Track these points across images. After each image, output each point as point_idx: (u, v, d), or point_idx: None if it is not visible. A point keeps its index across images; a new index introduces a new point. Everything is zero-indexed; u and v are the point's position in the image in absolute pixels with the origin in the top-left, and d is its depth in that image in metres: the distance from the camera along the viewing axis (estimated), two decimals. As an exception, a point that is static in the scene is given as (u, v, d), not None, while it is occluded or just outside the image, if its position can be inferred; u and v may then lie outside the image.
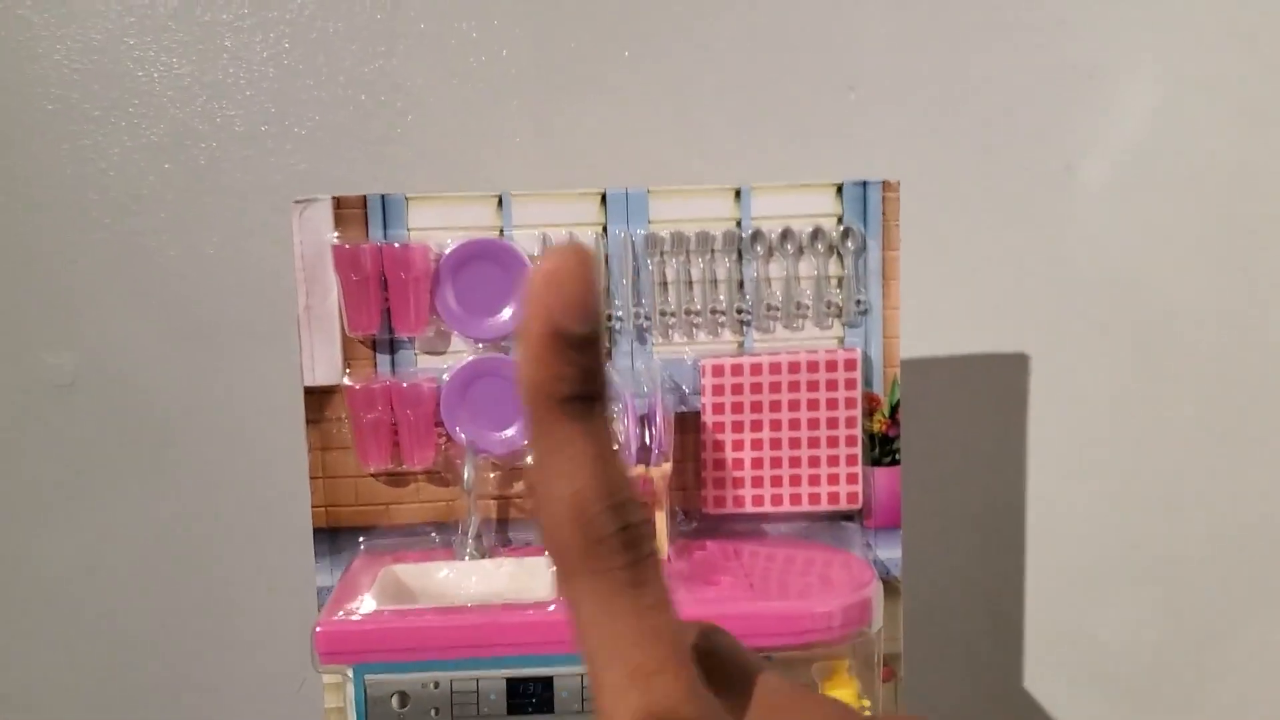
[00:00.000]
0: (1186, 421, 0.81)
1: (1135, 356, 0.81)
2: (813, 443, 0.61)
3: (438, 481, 0.62)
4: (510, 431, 0.60)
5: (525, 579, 0.58)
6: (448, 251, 0.60)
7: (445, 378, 0.60)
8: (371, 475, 0.61)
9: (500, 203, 0.60)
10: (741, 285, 0.62)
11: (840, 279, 0.62)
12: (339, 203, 0.60)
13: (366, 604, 0.53)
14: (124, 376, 0.78)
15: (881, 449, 0.62)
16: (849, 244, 0.61)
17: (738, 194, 0.61)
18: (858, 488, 0.62)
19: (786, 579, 0.57)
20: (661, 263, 0.61)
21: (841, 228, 0.61)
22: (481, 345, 0.61)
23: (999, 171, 0.78)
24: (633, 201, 0.61)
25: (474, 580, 0.58)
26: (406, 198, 0.60)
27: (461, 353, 0.61)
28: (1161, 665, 0.84)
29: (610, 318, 0.61)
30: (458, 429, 0.60)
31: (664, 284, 0.62)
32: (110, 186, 0.76)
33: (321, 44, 0.75)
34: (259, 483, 0.78)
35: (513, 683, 0.51)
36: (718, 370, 0.61)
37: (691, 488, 0.62)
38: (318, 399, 0.61)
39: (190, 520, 0.79)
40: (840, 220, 0.61)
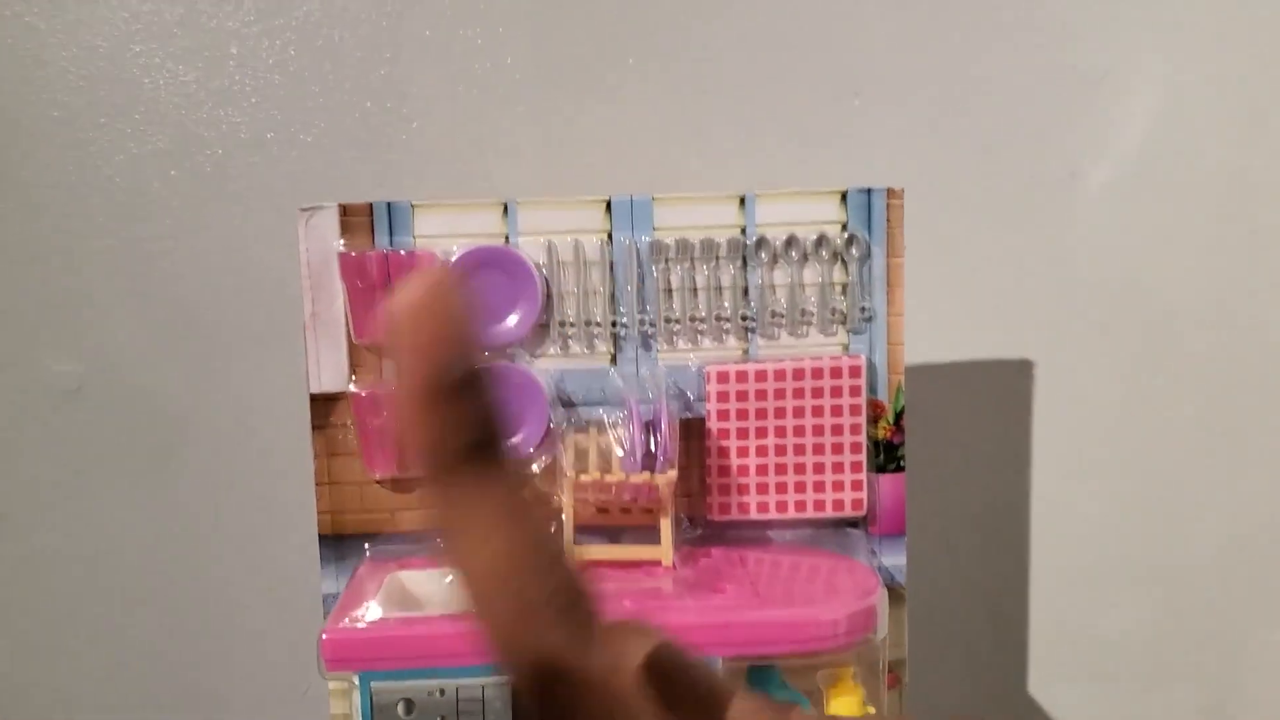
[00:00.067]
0: (1192, 426, 0.81)
1: (1140, 361, 0.81)
2: (817, 449, 0.61)
3: (443, 488, 0.62)
4: (517, 439, 0.60)
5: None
6: (453, 259, 0.60)
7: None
8: (377, 482, 0.62)
9: (506, 210, 0.60)
10: (746, 292, 0.62)
11: (845, 286, 0.62)
12: (345, 210, 0.60)
13: (372, 611, 0.53)
14: (129, 383, 0.78)
15: (886, 455, 0.62)
16: (853, 251, 0.61)
17: (742, 201, 0.61)
18: (862, 494, 0.62)
19: (792, 586, 0.57)
20: (666, 269, 0.61)
21: (846, 234, 0.61)
22: (487, 353, 0.61)
23: (1003, 177, 0.79)
24: (637, 208, 0.61)
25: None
26: (412, 205, 0.60)
27: (467, 359, 0.61)
28: (1166, 669, 0.84)
29: (615, 324, 0.61)
30: (463, 436, 0.60)
31: (669, 291, 0.62)
32: (116, 193, 0.76)
33: (327, 51, 0.75)
34: (264, 489, 0.78)
35: (518, 690, 0.51)
36: (722, 377, 0.61)
37: (696, 494, 0.62)
38: (323, 405, 0.61)
39: (196, 526, 0.79)
40: (845, 227, 0.61)
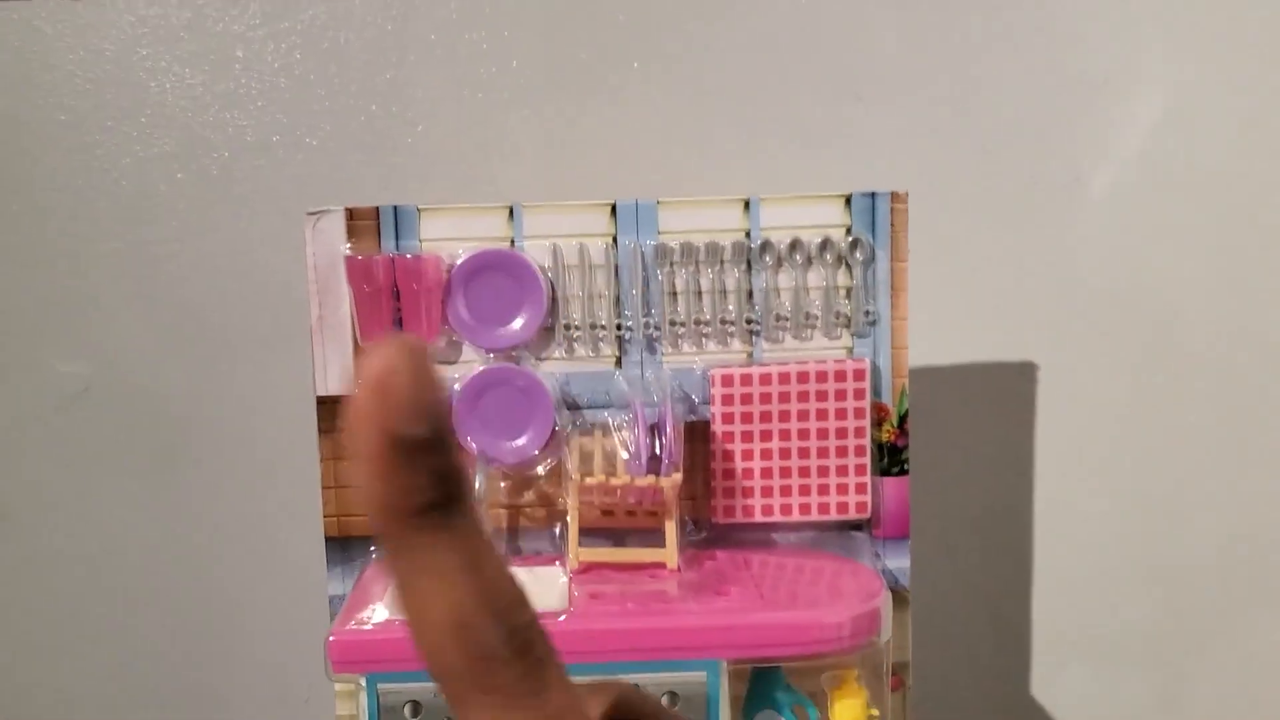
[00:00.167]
0: (1194, 428, 0.81)
1: (1142, 364, 0.81)
2: (822, 452, 0.61)
3: (449, 491, 0.62)
4: (521, 441, 0.61)
5: (536, 588, 0.58)
6: (459, 262, 0.60)
7: (456, 388, 0.61)
8: (383, 484, 0.62)
9: (511, 214, 0.61)
10: (750, 296, 0.62)
11: (849, 289, 0.62)
12: (351, 214, 0.60)
13: (379, 613, 0.53)
14: (136, 385, 0.78)
15: (890, 459, 0.63)
16: (857, 255, 0.62)
17: (746, 205, 0.61)
18: (867, 497, 0.62)
19: (796, 589, 0.57)
20: (671, 273, 0.62)
21: (850, 238, 0.61)
22: (492, 355, 0.61)
23: (1005, 180, 0.79)
24: (642, 212, 0.61)
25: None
26: (419, 209, 0.60)
27: (472, 362, 0.61)
28: (1168, 671, 0.84)
29: (620, 328, 0.61)
30: (469, 439, 0.61)
31: (673, 294, 0.62)
32: (122, 196, 0.76)
33: (333, 54, 0.76)
34: (271, 491, 0.79)
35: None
36: (727, 380, 0.61)
37: (701, 497, 0.62)
38: (330, 408, 0.61)
39: (201, 528, 0.80)
40: (849, 231, 0.62)
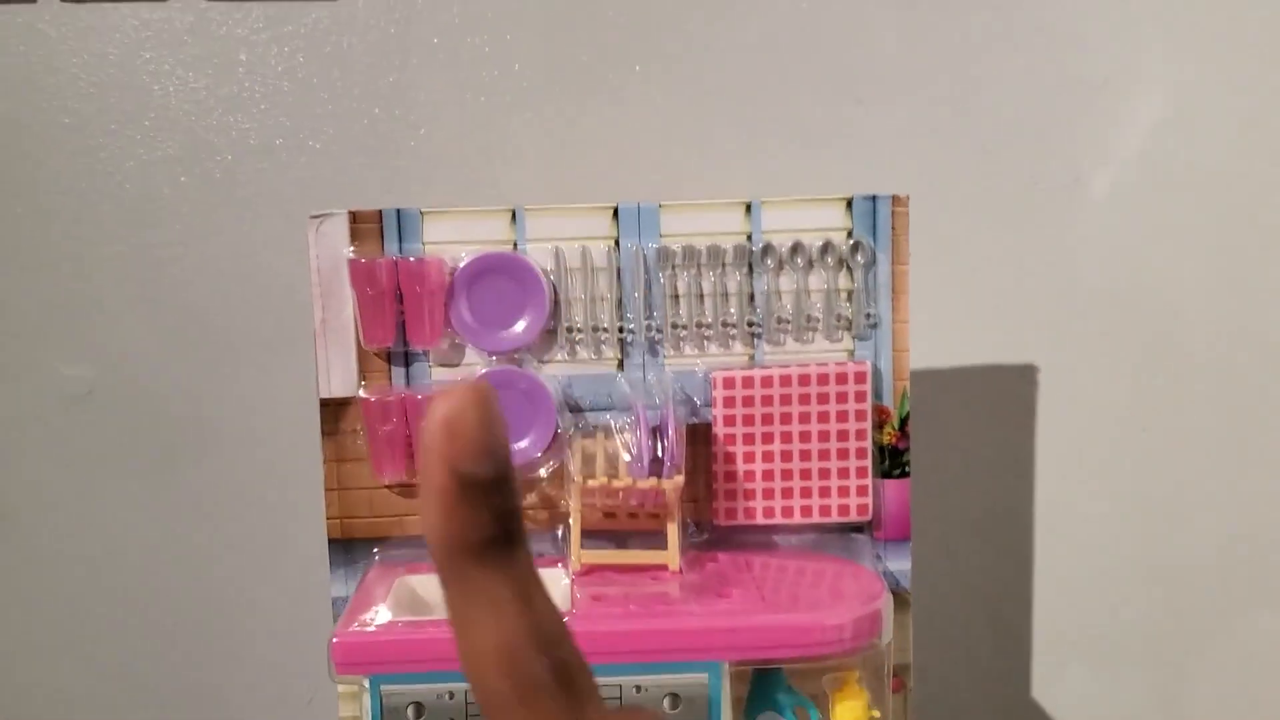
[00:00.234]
0: (1195, 430, 0.82)
1: (1143, 367, 0.81)
2: (823, 455, 0.62)
3: (451, 493, 0.62)
4: (524, 443, 0.61)
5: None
6: (462, 265, 0.60)
7: (459, 390, 0.61)
8: (386, 487, 0.62)
9: (514, 217, 0.61)
10: (752, 298, 0.62)
11: (850, 292, 0.62)
12: (355, 217, 0.61)
13: (382, 615, 0.54)
14: (140, 387, 0.78)
15: (891, 461, 0.63)
16: (858, 258, 0.62)
17: (748, 208, 0.62)
18: (868, 500, 0.62)
19: (797, 591, 0.57)
20: (673, 276, 0.62)
21: (851, 241, 0.62)
22: (495, 358, 0.61)
23: (1006, 182, 0.79)
24: (644, 215, 0.61)
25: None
26: (422, 212, 0.61)
27: (475, 365, 0.62)
28: (1169, 673, 0.84)
29: (622, 330, 0.62)
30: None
31: (675, 297, 0.62)
32: (126, 199, 0.77)
33: (336, 58, 0.76)
34: (274, 494, 0.79)
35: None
36: (729, 382, 0.61)
37: (703, 499, 0.63)
38: (333, 411, 0.62)
39: (205, 530, 0.80)
40: (850, 234, 0.62)
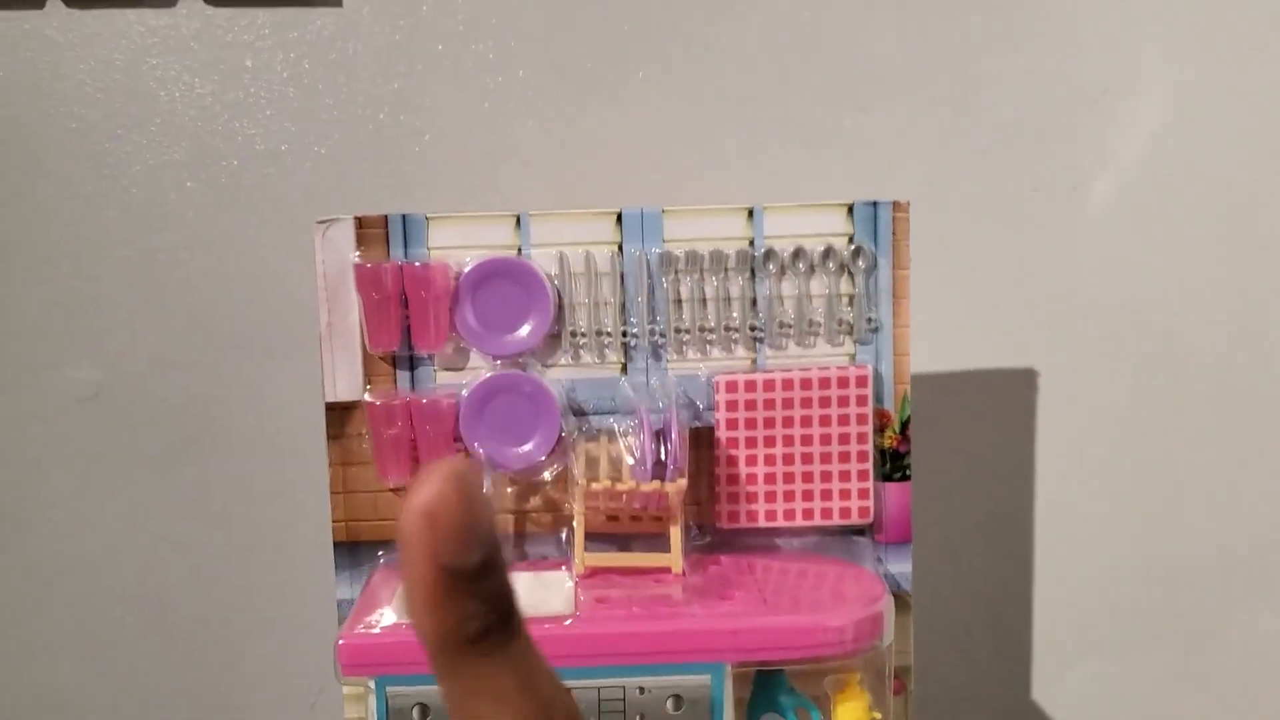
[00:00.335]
0: (1196, 435, 0.82)
1: (1143, 371, 0.81)
2: (825, 458, 0.62)
3: (456, 496, 0.62)
4: (528, 447, 0.61)
5: (542, 592, 0.59)
6: (467, 270, 0.61)
7: (464, 394, 0.61)
8: (390, 490, 0.62)
9: (518, 222, 0.61)
10: (754, 303, 0.62)
11: (851, 297, 0.63)
12: (360, 222, 0.61)
13: (387, 617, 0.54)
14: (146, 391, 0.79)
15: (892, 464, 0.63)
16: (860, 263, 0.62)
17: (750, 214, 0.62)
18: (869, 502, 0.62)
19: (799, 593, 0.58)
20: (676, 281, 0.62)
21: (853, 247, 0.62)
22: (499, 362, 0.62)
23: (1007, 188, 0.79)
24: (648, 221, 0.62)
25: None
26: (427, 217, 0.61)
27: (480, 369, 0.62)
28: (1170, 675, 0.85)
29: (626, 334, 0.62)
30: (476, 444, 0.61)
31: (678, 301, 0.62)
32: (132, 204, 0.77)
33: (341, 64, 0.76)
34: (280, 497, 0.79)
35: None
36: (731, 386, 0.62)
37: (705, 502, 0.63)
38: (339, 415, 0.62)
39: (211, 533, 0.80)
40: (851, 239, 0.62)
